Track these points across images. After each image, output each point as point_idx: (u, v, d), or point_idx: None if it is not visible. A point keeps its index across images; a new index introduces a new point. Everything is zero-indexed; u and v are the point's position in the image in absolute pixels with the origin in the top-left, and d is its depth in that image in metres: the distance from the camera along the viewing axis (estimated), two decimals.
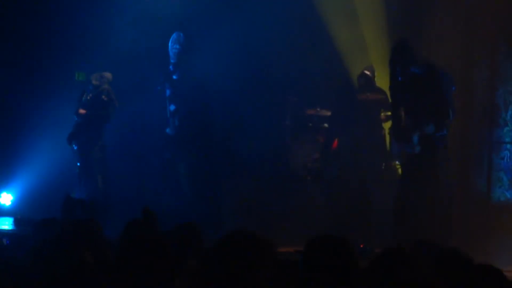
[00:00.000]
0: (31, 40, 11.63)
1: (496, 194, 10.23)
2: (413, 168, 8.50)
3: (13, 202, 11.83)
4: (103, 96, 10.74)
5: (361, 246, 8.44)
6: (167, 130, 10.26)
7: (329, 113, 11.41)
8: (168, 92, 10.20)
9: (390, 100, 9.53)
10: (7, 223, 10.62)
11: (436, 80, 8.32)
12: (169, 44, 10.14)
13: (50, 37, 11.55)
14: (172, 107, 10.18)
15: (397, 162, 10.27)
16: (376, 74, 10.94)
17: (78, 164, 10.85)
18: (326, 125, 11.43)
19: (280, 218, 9.29)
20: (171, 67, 10.12)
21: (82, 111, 10.79)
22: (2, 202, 11.82)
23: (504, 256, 7.90)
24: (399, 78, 8.45)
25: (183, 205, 9.74)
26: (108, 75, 10.91)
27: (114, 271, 3.88)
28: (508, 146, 10.28)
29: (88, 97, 10.82)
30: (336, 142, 10.99)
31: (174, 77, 10.14)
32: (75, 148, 10.81)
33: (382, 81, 11.02)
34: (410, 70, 8.39)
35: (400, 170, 9.38)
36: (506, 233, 8.73)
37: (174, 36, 10.14)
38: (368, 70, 10.94)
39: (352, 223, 8.84)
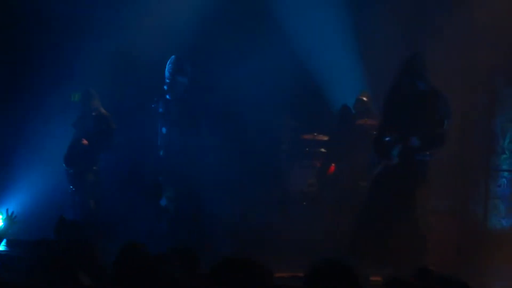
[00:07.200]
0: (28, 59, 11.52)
1: (492, 222, 10.19)
2: (386, 180, 8.36)
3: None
4: (103, 125, 10.58)
5: None
6: (160, 152, 10.18)
7: (326, 138, 11.33)
8: (160, 110, 10.15)
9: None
10: None
11: (437, 99, 8.23)
12: (167, 65, 10.13)
13: (43, 56, 11.43)
14: (163, 130, 10.11)
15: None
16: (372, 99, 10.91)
17: (72, 187, 10.69)
18: (323, 150, 11.35)
19: (277, 243, 9.18)
20: (165, 86, 10.10)
21: (85, 141, 10.60)
22: None
23: (499, 284, 7.99)
24: (402, 90, 8.35)
25: (175, 228, 9.62)
26: (93, 93, 10.74)
27: None
28: (506, 174, 10.24)
29: (85, 126, 10.61)
30: (333, 167, 10.92)
31: (168, 97, 10.11)
32: (71, 171, 10.66)
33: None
34: (417, 84, 8.29)
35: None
36: (501, 261, 8.65)
37: (172, 57, 10.14)
38: (364, 96, 10.90)
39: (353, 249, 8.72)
